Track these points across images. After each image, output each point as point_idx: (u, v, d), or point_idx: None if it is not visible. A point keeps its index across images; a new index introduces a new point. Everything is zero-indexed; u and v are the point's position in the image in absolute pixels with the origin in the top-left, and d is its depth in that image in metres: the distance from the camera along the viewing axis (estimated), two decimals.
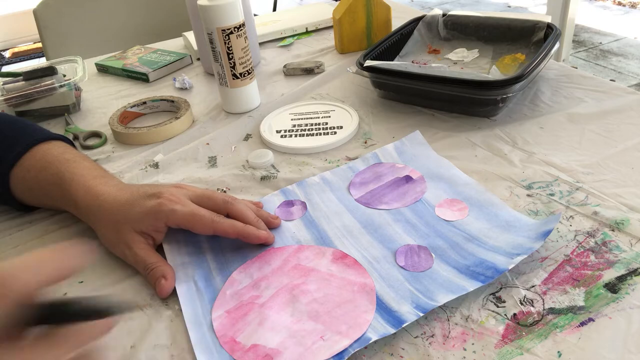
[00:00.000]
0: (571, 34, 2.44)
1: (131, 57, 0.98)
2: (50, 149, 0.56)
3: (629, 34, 3.22)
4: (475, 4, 4.11)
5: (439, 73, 0.66)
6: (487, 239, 0.47)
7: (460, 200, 0.52)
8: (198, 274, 0.47)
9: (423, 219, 0.51)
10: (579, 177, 0.54)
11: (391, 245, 0.48)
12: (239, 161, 0.65)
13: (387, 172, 0.58)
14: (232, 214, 0.50)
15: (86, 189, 0.52)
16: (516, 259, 0.43)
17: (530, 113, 0.67)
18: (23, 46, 2.99)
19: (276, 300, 0.43)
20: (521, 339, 0.38)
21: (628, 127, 0.61)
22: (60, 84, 0.79)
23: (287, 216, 0.54)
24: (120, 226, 0.48)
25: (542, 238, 0.44)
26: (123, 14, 1.32)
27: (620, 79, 2.67)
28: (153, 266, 0.46)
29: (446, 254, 0.46)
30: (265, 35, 1.03)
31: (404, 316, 0.40)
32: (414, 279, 0.44)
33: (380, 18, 0.91)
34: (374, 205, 0.53)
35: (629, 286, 0.41)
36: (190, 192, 0.50)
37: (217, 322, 0.42)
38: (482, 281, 0.42)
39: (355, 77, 0.82)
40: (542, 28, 0.78)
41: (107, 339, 0.42)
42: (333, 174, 0.59)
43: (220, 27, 0.68)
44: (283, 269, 0.47)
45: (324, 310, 0.42)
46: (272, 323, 0.41)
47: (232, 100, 0.76)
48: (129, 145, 0.71)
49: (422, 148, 0.62)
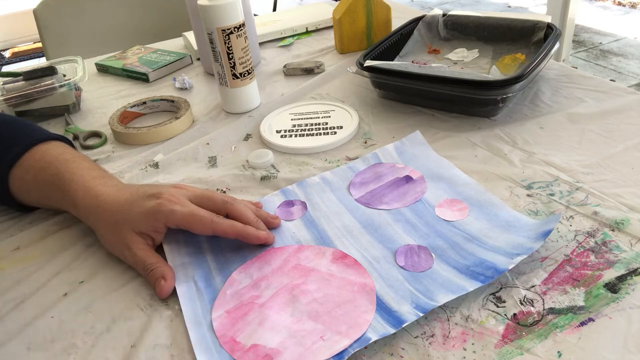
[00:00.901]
0: (571, 34, 2.44)
1: (131, 57, 0.98)
2: (50, 150, 0.56)
3: (629, 34, 3.22)
4: (475, 4, 4.11)
5: (439, 73, 0.66)
6: (487, 239, 0.47)
7: (461, 200, 0.52)
8: (198, 274, 0.47)
9: (423, 219, 0.51)
10: (579, 177, 0.54)
11: (391, 245, 0.48)
12: (239, 161, 0.65)
13: (387, 172, 0.58)
14: (231, 214, 0.49)
15: (85, 189, 0.52)
16: (516, 259, 0.43)
17: (530, 113, 0.67)
18: (23, 46, 2.99)
19: (276, 300, 0.43)
20: (521, 339, 0.38)
21: (628, 127, 0.61)
22: (60, 84, 0.79)
23: (287, 216, 0.54)
24: (120, 227, 0.48)
25: (542, 238, 0.44)
26: (123, 14, 1.32)
27: (620, 79, 2.67)
28: (152, 267, 0.46)
29: (446, 254, 0.46)
30: (265, 35, 1.03)
31: (404, 316, 0.40)
32: (414, 279, 0.44)
33: (380, 18, 0.91)
34: (374, 205, 0.53)
35: (629, 286, 0.41)
36: (190, 192, 0.50)
37: (217, 322, 0.42)
38: (482, 281, 0.42)
39: (355, 77, 0.82)
40: (542, 28, 0.78)
41: (107, 339, 0.42)
42: (333, 174, 0.59)
43: (220, 27, 0.68)
44: (283, 269, 0.47)
45: (324, 310, 0.42)
46: (272, 323, 0.41)
47: (232, 100, 0.76)
48: (129, 145, 0.71)
49: (422, 148, 0.62)
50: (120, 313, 0.44)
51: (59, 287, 0.48)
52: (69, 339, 0.42)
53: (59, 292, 0.47)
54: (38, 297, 0.47)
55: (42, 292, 0.47)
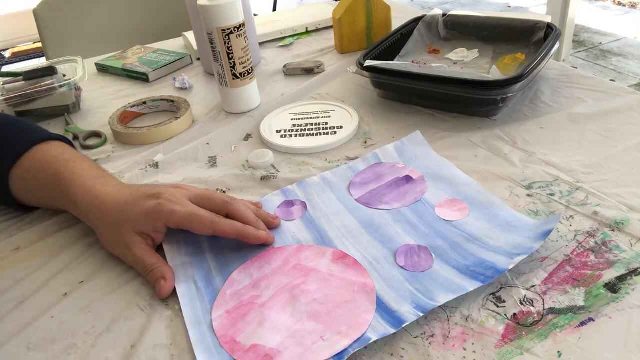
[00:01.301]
0: (571, 34, 2.44)
1: (131, 57, 0.98)
2: (50, 149, 0.56)
3: (629, 34, 3.22)
4: (475, 4, 4.11)
5: (439, 73, 0.66)
6: (487, 239, 0.47)
7: (461, 200, 0.52)
8: (198, 274, 0.47)
9: (423, 219, 0.51)
10: (579, 177, 0.54)
11: (391, 245, 0.48)
12: (239, 161, 0.65)
13: (388, 172, 0.58)
14: (231, 214, 0.50)
15: (85, 189, 0.52)
16: (516, 259, 0.43)
17: (530, 113, 0.67)
18: (23, 46, 2.98)
19: (276, 300, 0.43)
20: (521, 339, 0.38)
21: (628, 127, 0.61)
22: (60, 84, 0.79)
23: (287, 216, 0.54)
24: (120, 226, 0.48)
25: (543, 238, 0.44)
26: (123, 14, 1.32)
27: (620, 79, 2.67)
28: (152, 267, 0.46)
29: (446, 254, 0.46)
30: (265, 35, 1.03)
31: (404, 316, 0.40)
32: (414, 279, 0.44)
33: (380, 18, 0.91)
34: (374, 206, 0.53)
35: (629, 286, 0.41)
36: (190, 192, 0.50)
37: (217, 322, 0.42)
38: (482, 281, 0.42)
39: (355, 77, 0.82)
40: (542, 28, 0.78)
41: (106, 339, 0.42)
42: (333, 174, 0.59)
43: (220, 27, 0.68)
44: (283, 269, 0.47)
45: (324, 310, 0.42)
46: (272, 323, 0.41)
47: (232, 100, 0.76)
48: (129, 145, 0.71)
49: (423, 148, 0.62)
50: (120, 313, 0.44)
51: (59, 287, 0.48)
52: (69, 338, 0.42)
53: (59, 292, 0.47)
54: (38, 297, 0.47)
55: (42, 292, 0.47)
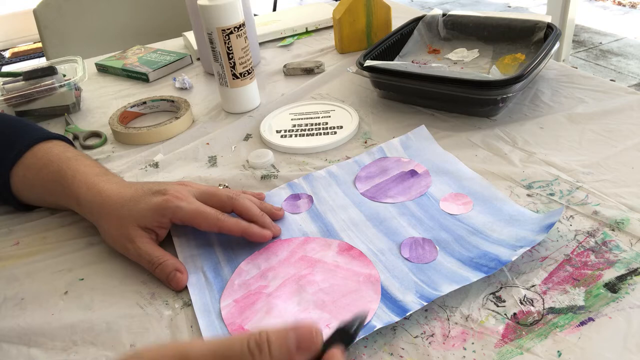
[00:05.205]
0: (571, 34, 2.44)
1: (131, 57, 0.98)
2: (52, 148, 0.57)
3: (629, 34, 3.22)
4: (475, 4, 4.11)
5: (439, 73, 0.67)
6: (491, 232, 0.47)
7: (465, 194, 0.53)
8: (207, 265, 0.48)
9: (428, 213, 0.51)
10: (579, 177, 0.54)
11: (396, 237, 0.48)
12: (239, 161, 0.65)
13: (393, 166, 0.59)
14: (237, 210, 0.50)
15: (88, 185, 0.52)
16: (519, 251, 0.43)
17: (530, 113, 0.67)
18: (23, 46, 2.98)
19: (283, 290, 0.44)
20: (521, 338, 0.38)
21: (628, 127, 0.61)
22: (60, 84, 0.79)
23: (294, 209, 0.54)
24: (124, 221, 0.49)
25: (545, 231, 0.45)
26: (123, 14, 1.32)
27: (620, 79, 2.67)
28: (161, 260, 0.47)
29: (450, 247, 0.46)
30: (265, 35, 1.03)
31: (408, 305, 0.41)
32: (418, 271, 0.44)
33: (380, 18, 0.91)
34: (380, 199, 0.54)
35: (629, 286, 0.41)
36: (195, 189, 0.51)
37: (226, 311, 0.43)
38: (485, 272, 0.42)
39: (355, 77, 0.82)
40: (542, 28, 0.78)
41: (107, 338, 0.42)
42: (339, 168, 0.60)
43: (220, 27, 0.68)
44: (290, 260, 0.47)
45: (330, 299, 0.43)
46: (279, 312, 0.42)
47: (232, 100, 0.76)
48: (129, 145, 0.71)
49: (428, 143, 0.62)
50: (120, 311, 0.44)
51: (59, 285, 0.48)
52: (69, 337, 0.42)
53: (59, 290, 0.47)
54: (38, 295, 0.47)
55: (42, 291, 0.47)
